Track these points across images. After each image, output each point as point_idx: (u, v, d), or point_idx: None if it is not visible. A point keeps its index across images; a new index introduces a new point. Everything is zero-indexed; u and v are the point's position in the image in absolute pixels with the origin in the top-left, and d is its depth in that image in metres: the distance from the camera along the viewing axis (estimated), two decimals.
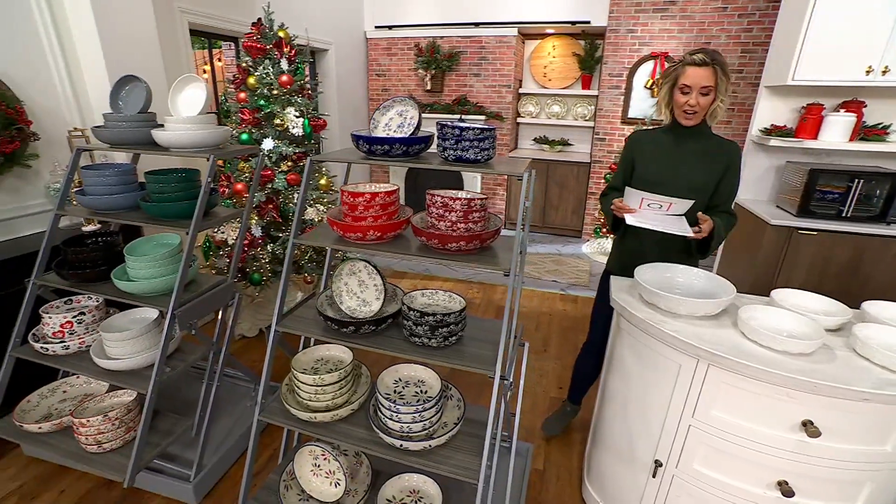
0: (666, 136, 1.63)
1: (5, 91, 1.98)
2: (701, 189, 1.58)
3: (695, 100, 1.47)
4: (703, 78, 1.44)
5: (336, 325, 1.30)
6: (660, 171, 1.61)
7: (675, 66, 1.52)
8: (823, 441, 1.13)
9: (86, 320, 1.78)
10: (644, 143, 1.68)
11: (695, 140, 1.58)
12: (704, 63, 1.44)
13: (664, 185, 1.59)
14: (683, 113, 1.52)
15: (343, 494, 1.39)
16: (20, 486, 1.82)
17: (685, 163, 1.58)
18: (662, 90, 1.57)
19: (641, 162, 1.67)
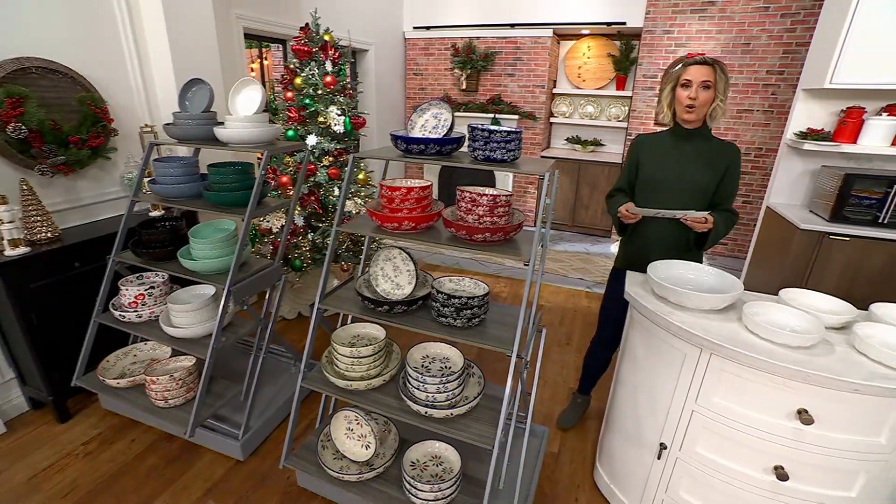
0: (669, 139, 1.71)
1: (94, 93, 2.26)
2: (704, 190, 1.65)
3: (695, 93, 1.54)
4: (704, 74, 1.54)
5: (372, 304, 1.47)
6: (664, 172, 1.69)
7: (677, 67, 1.62)
8: (817, 429, 1.21)
9: (155, 293, 2.04)
10: (648, 146, 1.76)
11: (696, 142, 1.66)
12: (705, 62, 1.55)
13: (669, 186, 1.68)
14: (686, 108, 1.58)
15: (372, 456, 1.57)
16: (100, 433, 2.10)
17: (688, 164, 1.66)
18: (665, 91, 1.65)
19: (646, 164, 1.74)
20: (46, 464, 1.93)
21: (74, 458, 1.97)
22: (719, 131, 4.14)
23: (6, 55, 1.95)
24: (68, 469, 1.91)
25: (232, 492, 1.82)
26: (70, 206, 2.30)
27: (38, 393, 2.14)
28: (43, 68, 2.06)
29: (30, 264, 1.94)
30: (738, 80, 3.93)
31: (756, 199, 4.14)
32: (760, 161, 4.04)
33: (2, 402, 2.12)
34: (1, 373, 2.13)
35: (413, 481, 1.41)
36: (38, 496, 1.78)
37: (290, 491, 1.82)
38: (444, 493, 1.42)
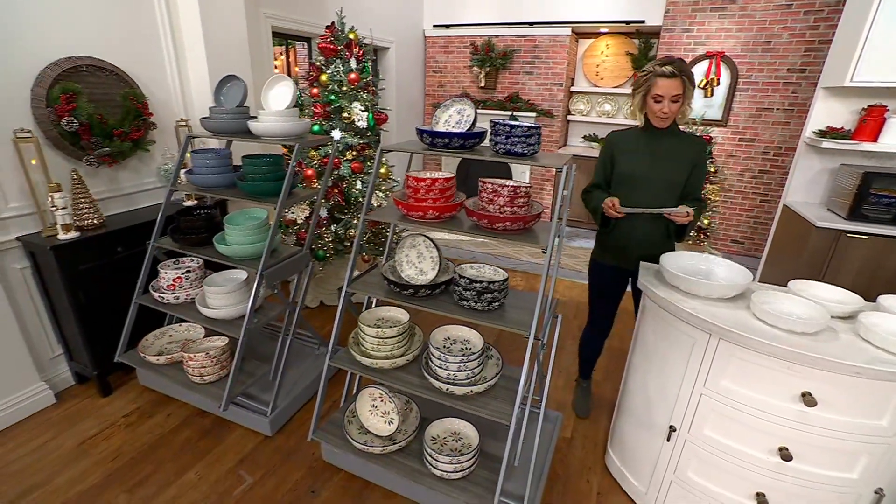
0: (642, 136, 1.81)
1: (136, 89, 2.40)
2: (678, 183, 1.78)
3: (667, 108, 1.66)
4: (673, 88, 1.63)
5: (398, 287, 1.57)
6: (641, 169, 1.78)
7: (647, 76, 1.68)
8: (820, 411, 1.27)
9: (191, 277, 2.18)
10: (623, 143, 1.84)
11: (667, 139, 1.77)
12: (674, 75, 1.62)
13: (646, 181, 1.78)
14: (657, 118, 1.71)
15: (395, 431, 1.67)
16: (138, 407, 2.25)
17: (663, 161, 1.77)
18: (636, 98, 1.74)
19: (622, 160, 1.82)
20: (93, 432, 2.09)
21: (117, 428, 2.12)
22: (738, 129, 4.14)
23: (63, 54, 2.10)
24: (112, 438, 2.06)
25: (261, 464, 1.94)
26: (112, 195, 2.45)
27: (84, 368, 2.30)
28: (92, 66, 2.21)
29: (79, 248, 2.09)
30: (757, 79, 3.92)
31: (774, 198, 4.13)
32: (779, 160, 4.03)
33: (52, 376, 2.29)
34: (51, 348, 2.29)
35: (434, 454, 1.51)
36: (87, 460, 1.93)
37: (315, 465, 1.94)
38: (462, 466, 1.51)
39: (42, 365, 2.24)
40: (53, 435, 2.07)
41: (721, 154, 4.19)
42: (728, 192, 4.29)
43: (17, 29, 1.96)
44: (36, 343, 2.21)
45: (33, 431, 2.08)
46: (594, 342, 2.19)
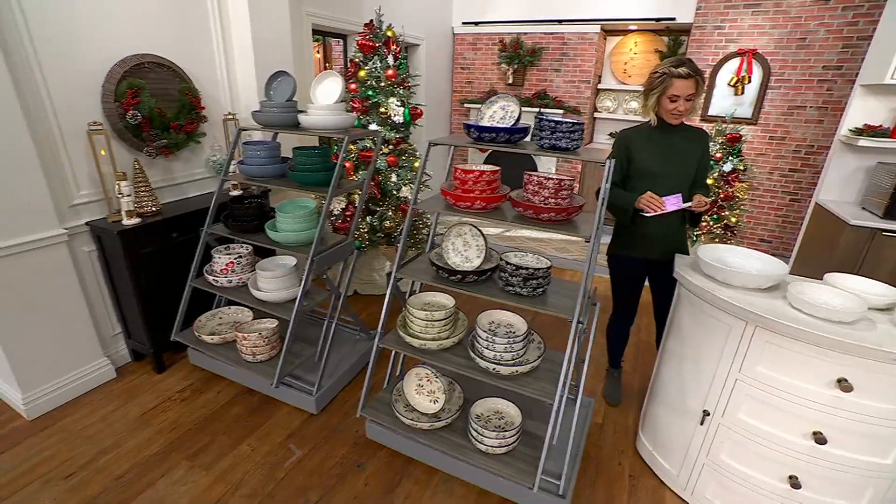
0: (654, 133, 1.88)
1: (190, 84, 2.55)
2: (690, 174, 1.89)
3: (682, 106, 1.76)
4: (689, 88, 1.72)
5: (447, 273, 1.67)
6: (657, 163, 1.87)
7: (662, 77, 1.75)
8: (856, 397, 1.32)
9: (242, 262, 2.31)
10: (638, 140, 1.90)
11: (677, 133, 1.87)
12: (689, 76, 1.71)
13: (663, 175, 1.86)
14: (672, 116, 1.79)
15: (440, 410, 1.77)
16: (191, 384, 2.41)
17: (677, 155, 1.87)
18: (651, 99, 1.81)
19: (639, 158, 1.89)
20: (152, 405, 2.25)
21: (173, 402, 2.28)
22: (768, 128, 4.11)
23: (129, 52, 2.24)
24: (170, 410, 2.22)
25: (308, 439, 2.07)
26: (166, 184, 2.60)
27: (141, 346, 2.46)
28: (153, 63, 2.35)
29: (140, 233, 2.24)
30: (790, 76, 3.90)
31: (804, 197, 4.10)
32: (811, 158, 4.00)
33: (112, 352, 2.46)
34: (112, 327, 2.46)
35: (480, 429, 1.60)
36: (150, 429, 2.09)
37: (359, 441, 2.06)
38: (507, 441, 1.61)
39: (104, 342, 2.41)
40: (117, 406, 2.23)
41: (750, 153, 4.18)
42: (756, 191, 4.28)
43: (90, 28, 2.11)
44: (99, 321, 2.38)
45: (99, 402, 2.25)
46: (621, 330, 2.27)
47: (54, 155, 2.08)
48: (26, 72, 1.92)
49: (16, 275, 1.97)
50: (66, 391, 2.22)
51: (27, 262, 2.00)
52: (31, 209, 1.98)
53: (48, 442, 2.00)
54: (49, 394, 2.16)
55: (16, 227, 1.93)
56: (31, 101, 1.96)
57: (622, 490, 1.84)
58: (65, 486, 1.79)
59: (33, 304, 2.05)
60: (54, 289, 2.11)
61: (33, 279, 2.03)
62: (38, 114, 1.99)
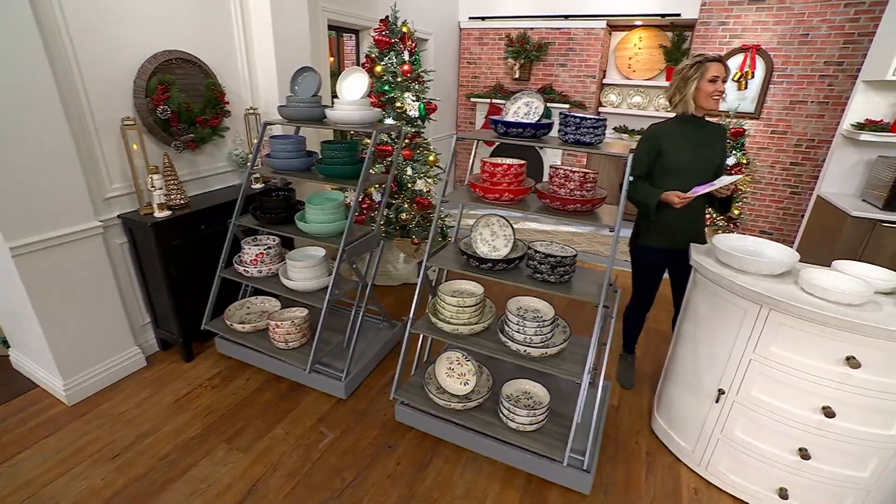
0: (682, 127, 1.97)
1: (215, 79, 2.61)
2: (715, 166, 1.99)
3: (721, 87, 1.87)
4: (723, 70, 1.87)
5: (477, 261, 1.76)
6: (686, 157, 1.95)
7: (696, 65, 1.87)
8: (863, 373, 1.43)
9: (271, 253, 2.39)
10: (668, 135, 1.98)
11: (702, 128, 1.98)
12: (720, 59, 1.87)
13: (692, 168, 1.95)
14: (712, 99, 1.89)
15: (471, 392, 1.87)
16: (219, 372, 2.49)
17: (705, 148, 1.97)
18: (690, 87, 1.89)
19: (670, 152, 1.96)
20: (185, 391, 2.33)
21: (204, 389, 2.36)
22: (770, 122, 4.22)
23: (158, 48, 2.30)
24: (202, 397, 2.30)
25: (338, 423, 2.16)
26: (191, 177, 2.67)
27: (169, 335, 2.54)
28: (180, 59, 2.41)
29: (171, 225, 2.31)
30: (792, 72, 4.00)
31: (804, 190, 4.22)
32: (811, 152, 4.11)
33: (141, 342, 2.54)
34: (141, 316, 2.54)
35: (512, 407, 1.71)
36: (185, 414, 2.18)
37: (387, 424, 2.15)
38: (537, 419, 1.71)
39: (135, 331, 2.48)
40: (151, 393, 2.31)
41: (752, 146, 4.29)
42: (758, 184, 4.39)
43: (123, 26, 2.16)
44: (130, 311, 2.45)
45: (134, 389, 2.33)
46: (638, 317, 2.38)
47: (90, 150, 2.14)
48: (66, 69, 1.98)
49: (56, 266, 2.04)
50: (102, 378, 2.30)
51: (66, 254, 2.07)
52: (71, 203, 2.05)
53: (90, 426, 2.09)
54: (87, 381, 2.24)
55: (57, 219, 2.00)
56: (70, 98, 2.02)
57: (640, 467, 1.95)
58: (112, 466, 1.88)
59: (72, 294, 2.12)
60: (90, 280, 2.18)
61: (72, 270, 2.10)
62: (76, 110, 2.05)
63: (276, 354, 2.26)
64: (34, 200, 1.92)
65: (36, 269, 1.98)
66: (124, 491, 1.78)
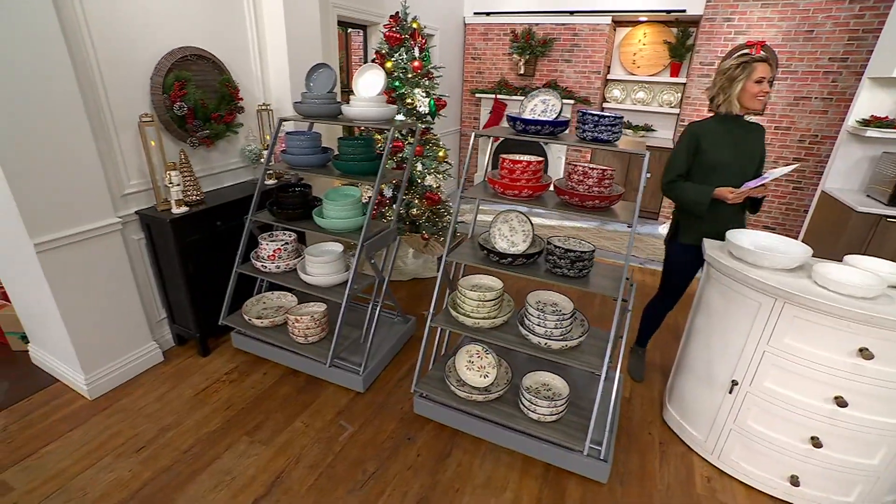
0: (722, 125, 1.98)
1: (229, 75, 2.62)
2: (754, 166, 2.00)
3: (767, 88, 1.88)
4: (769, 70, 1.87)
5: (497, 256, 1.80)
6: (727, 156, 1.96)
7: (743, 65, 1.87)
8: (876, 364, 1.48)
9: (288, 249, 2.42)
10: (709, 134, 1.98)
11: (742, 127, 1.99)
12: (766, 59, 1.87)
13: (732, 167, 1.96)
14: (757, 100, 1.89)
15: (490, 384, 1.91)
16: (236, 367, 2.52)
17: (745, 146, 1.98)
18: (737, 87, 1.88)
19: (710, 150, 1.96)
20: (203, 386, 2.36)
21: (222, 383, 2.40)
22: (774, 118, 4.26)
23: (174, 45, 2.32)
24: (221, 391, 2.34)
25: (357, 416, 2.20)
26: (205, 173, 2.68)
27: (186, 330, 2.57)
28: (195, 55, 2.42)
29: (188, 221, 2.33)
30: (797, 68, 4.03)
31: (808, 185, 4.27)
32: (815, 148, 4.16)
33: (158, 337, 2.56)
34: (157, 312, 2.56)
35: (533, 398, 1.75)
36: (206, 408, 2.21)
37: (405, 417, 2.19)
38: (558, 409, 1.75)
39: (151, 327, 2.51)
40: (170, 387, 2.34)
41: None
42: None
43: (141, 23, 2.17)
44: (147, 307, 2.48)
45: (153, 383, 2.36)
46: (659, 314, 2.39)
47: (108, 147, 2.16)
48: (86, 68, 2.00)
49: (78, 262, 2.06)
50: (121, 373, 2.33)
51: (87, 250, 2.09)
52: (92, 199, 2.06)
53: (112, 420, 2.12)
54: (107, 375, 2.27)
55: (78, 216, 2.02)
56: (90, 96, 2.03)
57: (654, 456, 2.00)
58: (137, 459, 1.91)
59: (93, 290, 2.15)
60: (110, 275, 2.21)
61: (92, 266, 2.12)
62: (95, 108, 2.07)
63: (296, 349, 2.29)
64: (57, 197, 1.94)
65: (59, 265, 2.00)
66: (152, 483, 1.81)
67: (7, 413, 2.13)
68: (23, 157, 1.80)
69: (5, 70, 1.70)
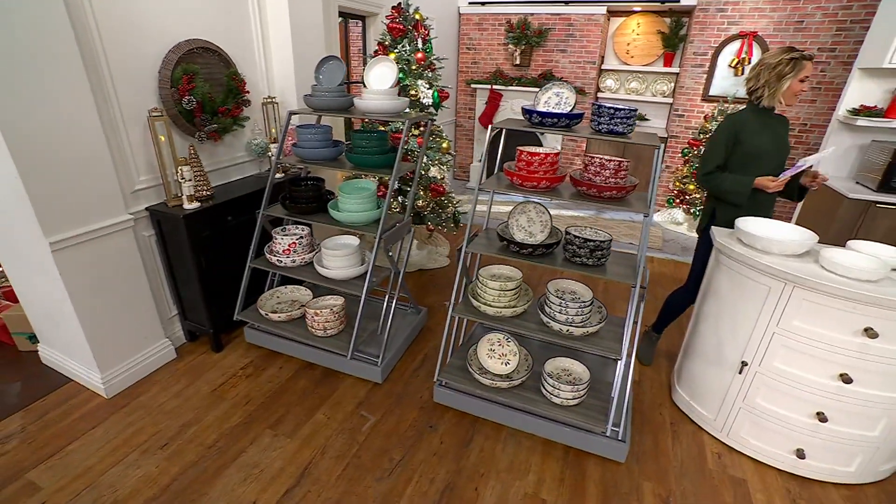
0: (758, 117, 2.03)
1: (235, 68, 2.59)
2: (788, 151, 2.09)
3: (807, 86, 1.92)
4: (811, 69, 1.93)
5: (517, 247, 1.84)
6: (767, 146, 2.01)
7: (793, 63, 1.90)
8: (880, 342, 1.57)
9: (303, 243, 2.42)
10: (747, 125, 2.03)
11: (774, 119, 2.06)
12: (812, 58, 1.92)
13: (770, 157, 2.03)
14: (796, 97, 1.96)
15: (512, 371, 1.97)
16: (251, 361, 2.54)
17: (780, 137, 2.05)
18: (784, 83, 1.92)
19: (749, 140, 2.02)
20: (220, 381, 2.37)
21: (239, 378, 2.41)
22: None
23: (180, 38, 2.28)
24: (239, 386, 2.35)
25: (377, 406, 2.24)
26: (212, 168, 2.65)
27: (198, 326, 2.56)
28: (201, 48, 2.38)
29: (200, 216, 2.32)
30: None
31: None
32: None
33: (170, 334, 2.55)
34: (169, 308, 2.55)
35: (556, 383, 1.81)
36: (225, 403, 2.22)
37: (425, 406, 2.24)
38: (580, 393, 1.82)
39: (163, 324, 2.50)
40: (186, 383, 2.35)
41: None
42: None
43: (148, 16, 2.13)
44: (158, 304, 2.46)
45: (168, 380, 2.36)
46: (683, 304, 2.40)
47: (118, 143, 2.13)
48: (95, 62, 1.96)
49: (92, 260, 2.04)
50: (136, 370, 2.32)
51: (100, 248, 2.07)
52: (104, 196, 2.04)
53: (132, 417, 2.12)
54: (123, 373, 2.26)
55: (92, 213, 2.00)
56: (98, 91, 2.00)
57: (666, 435, 2.09)
58: (163, 455, 1.93)
59: (106, 288, 2.13)
60: (123, 273, 2.19)
61: (105, 264, 2.11)
62: (104, 103, 2.03)
63: (315, 342, 2.32)
64: (70, 195, 1.91)
65: (73, 264, 1.98)
66: (180, 478, 1.83)
67: (23, 413, 2.11)
68: (36, 156, 1.77)
69: (18, 69, 1.66)
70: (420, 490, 1.81)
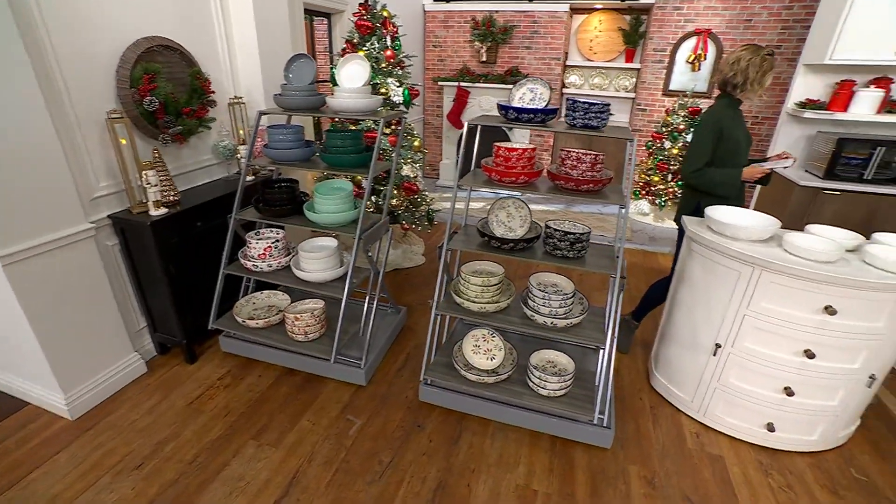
0: (733, 109, 2.12)
1: (198, 67, 2.48)
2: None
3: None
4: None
5: (498, 242, 1.86)
6: (742, 135, 2.12)
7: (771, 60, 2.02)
8: (838, 319, 1.69)
9: (279, 246, 2.36)
10: (726, 117, 2.10)
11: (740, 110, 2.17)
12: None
13: (744, 145, 2.14)
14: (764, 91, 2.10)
15: (498, 365, 1.99)
16: (228, 371, 2.45)
17: (745, 126, 2.18)
18: (768, 79, 2.05)
19: (732, 134, 2.09)
20: (196, 394, 2.28)
21: (217, 389, 2.32)
22: None
23: (138, 35, 2.16)
24: (217, 397, 2.26)
25: (362, 409, 2.21)
26: (177, 172, 2.54)
27: (170, 338, 2.45)
28: (161, 46, 2.27)
29: (168, 222, 2.21)
30: None
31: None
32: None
33: (139, 347, 2.43)
34: (137, 321, 2.42)
35: (543, 375, 1.84)
36: (203, 416, 2.14)
37: (411, 405, 2.23)
38: (566, 384, 1.86)
39: (131, 337, 2.37)
40: (159, 398, 2.24)
41: None
42: None
43: (100, 10, 2.01)
44: (125, 317, 2.33)
45: (139, 396, 2.25)
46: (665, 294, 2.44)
47: (74, 147, 2.00)
48: (43, 60, 1.83)
49: (48, 274, 1.91)
50: (103, 389, 2.20)
51: (57, 260, 1.94)
52: (60, 205, 1.91)
53: (101, 438, 2.00)
54: (88, 392, 2.14)
55: (46, 224, 1.87)
56: (48, 90, 1.86)
57: (647, 419, 2.17)
58: (139, 475, 1.83)
59: (65, 303, 2.00)
60: (84, 286, 2.06)
61: (64, 277, 1.98)
62: (56, 104, 1.91)
63: (296, 347, 2.26)
64: (21, 205, 1.78)
65: (28, 278, 1.84)
66: (159, 498, 1.75)
67: None
68: None
69: None
70: (412, 490, 1.80)
